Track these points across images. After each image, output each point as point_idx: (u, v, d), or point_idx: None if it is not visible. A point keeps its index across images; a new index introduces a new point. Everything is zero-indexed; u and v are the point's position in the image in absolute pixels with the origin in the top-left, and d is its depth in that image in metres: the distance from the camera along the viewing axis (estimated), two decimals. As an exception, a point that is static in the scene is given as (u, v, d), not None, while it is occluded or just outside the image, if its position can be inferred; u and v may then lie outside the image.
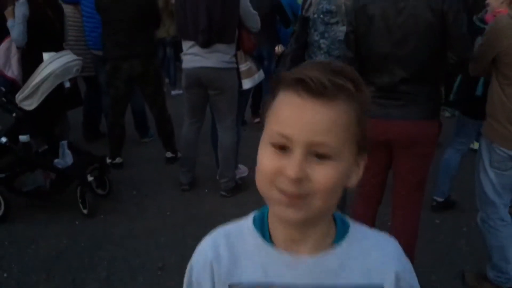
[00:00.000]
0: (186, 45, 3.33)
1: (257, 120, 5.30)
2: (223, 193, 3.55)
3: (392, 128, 2.03)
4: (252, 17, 3.34)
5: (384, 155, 2.15)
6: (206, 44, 3.18)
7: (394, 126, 2.02)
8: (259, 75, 3.55)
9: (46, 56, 3.20)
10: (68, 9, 4.17)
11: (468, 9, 3.43)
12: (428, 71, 2.02)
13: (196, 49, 3.25)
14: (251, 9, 3.33)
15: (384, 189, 2.30)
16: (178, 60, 5.52)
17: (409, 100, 2.00)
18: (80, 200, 3.24)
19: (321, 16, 2.55)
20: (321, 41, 2.57)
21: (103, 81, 4.28)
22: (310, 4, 2.61)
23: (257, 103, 5.27)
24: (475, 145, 4.12)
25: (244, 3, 3.26)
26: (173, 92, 6.55)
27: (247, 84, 3.44)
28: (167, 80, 6.83)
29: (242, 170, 3.88)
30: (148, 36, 3.90)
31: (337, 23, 2.51)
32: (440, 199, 3.27)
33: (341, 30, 2.48)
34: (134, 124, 4.76)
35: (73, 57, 3.35)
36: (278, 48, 4.67)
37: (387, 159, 2.16)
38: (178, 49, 5.10)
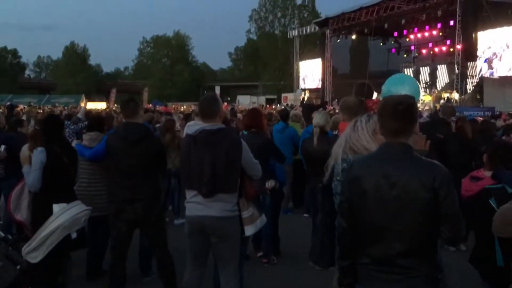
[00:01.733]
0: (189, 193, 3.46)
1: (260, 254, 5.27)
2: None
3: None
4: (253, 166, 3.50)
5: None
6: (208, 195, 3.30)
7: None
8: (261, 220, 3.62)
9: (56, 208, 3.32)
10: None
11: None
12: (425, 244, 2.04)
13: (199, 198, 3.35)
14: (253, 159, 3.50)
15: None
16: (182, 190, 5.65)
17: (408, 275, 2.00)
18: None
19: (338, 178, 2.70)
20: None
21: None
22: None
23: (258, 237, 5.27)
24: None
25: (246, 154, 3.42)
26: (176, 222, 6.59)
27: (249, 230, 3.50)
28: (170, 208, 6.94)
29: (246, 316, 3.76)
30: (153, 180, 4.05)
31: None
32: None
33: None
34: (138, 261, 4.73)
35: (82, 207, 3.46)
36: (269, 184, 4.73)
37: None
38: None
